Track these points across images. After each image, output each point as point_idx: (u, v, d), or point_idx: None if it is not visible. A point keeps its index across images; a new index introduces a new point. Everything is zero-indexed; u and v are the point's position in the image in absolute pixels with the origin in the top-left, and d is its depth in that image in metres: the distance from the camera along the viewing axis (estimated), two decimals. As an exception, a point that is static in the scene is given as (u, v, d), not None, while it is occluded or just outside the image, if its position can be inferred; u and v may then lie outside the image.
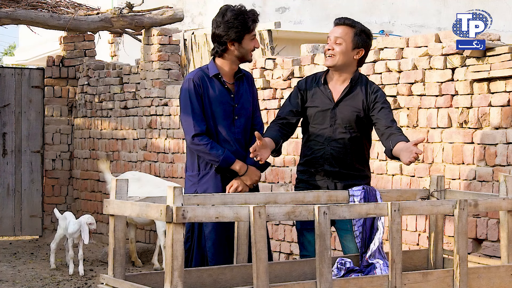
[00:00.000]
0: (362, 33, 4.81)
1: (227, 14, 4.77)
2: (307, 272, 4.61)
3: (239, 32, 4.78)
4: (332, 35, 4.82)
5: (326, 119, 4.81)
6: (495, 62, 5.43)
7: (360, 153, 4.85)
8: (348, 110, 4.78)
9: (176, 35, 9.44)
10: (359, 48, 4.80)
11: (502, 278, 4.51)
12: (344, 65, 4.79)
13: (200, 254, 4.87)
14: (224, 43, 4.80)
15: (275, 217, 4.02)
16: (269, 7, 14.80)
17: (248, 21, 4.79)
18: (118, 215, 4.19)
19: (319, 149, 4.82)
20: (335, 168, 4.79)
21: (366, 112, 4.78)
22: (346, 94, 4.80)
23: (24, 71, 10.83)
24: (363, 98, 4.78)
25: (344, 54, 4.77)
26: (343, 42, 4.77)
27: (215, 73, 4.86)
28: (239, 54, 4.84)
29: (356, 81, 4.82)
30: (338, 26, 4.83)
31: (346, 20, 4.84)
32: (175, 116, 8.82)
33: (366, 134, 4.89)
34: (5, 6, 9.40)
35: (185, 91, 4.86)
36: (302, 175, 4.94)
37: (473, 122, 5.62)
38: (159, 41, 9.23)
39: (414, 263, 4.96)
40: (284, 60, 7.35)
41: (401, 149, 4.51)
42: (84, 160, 10.47)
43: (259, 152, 4.62)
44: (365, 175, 4.89)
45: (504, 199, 4.58)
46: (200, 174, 4.86)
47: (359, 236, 4.74)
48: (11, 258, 8.98)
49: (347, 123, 4.77)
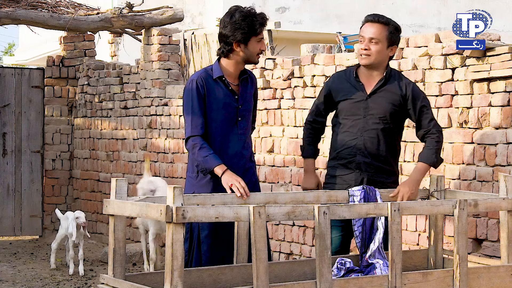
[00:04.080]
0: (395, 30, 4.87)
1: (236, 15, 4.74)
2: (307, 272, 4.61)
3: (246, 34, 4.73)
4: (366, 34, 4.84)
5: (359, 110, 4.86)
6: (495, 62, 5.43)
7: (392, 145, 4.89)
8: (383, 101, 4.83)
9: (176, 35, 9.44)
10: (393, 45, 4.87)
11: (502, 278, 4.51)
12: (379, 63, 4.85)
13: (200, 254, 4.86)
14: (230, 43, 4.77)
15: (275, 217, 4.02)
16: (269, 7, 14.80)
17: (255, 23, 4.75)
18: (118, 215, 4.19)
19: (351, 140, 4.86)
20: (367, 159, 4.83)
21: (402, 106, 4.85)
22: (381, 86, 4.85)
23: (24, 71, 10.83)
24: (398, 91, 4.84)
25: (380, 53, 4.83)
26: (379, 42, 4.81)
27: (219, 75, 4.82)
28: (244, 55, 4.81)
29: (390, 74, 4.89)
30: (372, 24, 4.85)
31: (380, 18, 4.86)
32: (175, 116, 8.82)
33: (399, 127, 4.94)
34: (5, 6, 9.40)
35: (187, 92, 4.84)
36: (332, 170, 4.96)
37: (473, 122, 5.62)
38: (159, 41, 9.23)
39: (414, 263, 4.96)
40: (284, 60, 7.34)
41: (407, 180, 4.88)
42: (84, 160, 10.47)
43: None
44: (393, 171, 4.94)
45: (504, 199, 4.58)
46: (198, 177, 4.85)
47: (359, 236, 4.74)
48: (11, 258, 8.98)
49: (381, 114, 4.83)
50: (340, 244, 4.91)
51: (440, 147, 4.88)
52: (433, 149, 4.82)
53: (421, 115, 4.86)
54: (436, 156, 4.84)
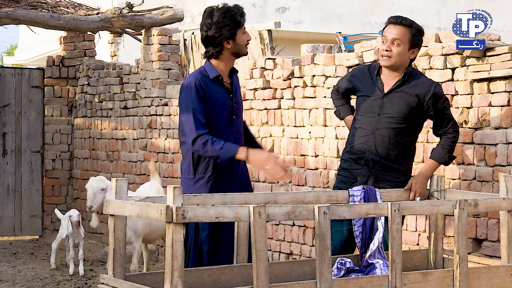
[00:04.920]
0: (418, 33, 4.89)
1: (215, 14, 4.77)
2: (307, 272, 4.61)
3: (232, 29, 4.77)
4: (389, 35, 4.86)
5: (375, 108, 4.89)
6: (495, 62, 5.43)
7: (404, 145, 4.90)
8: (398, 102, 4.86)
9: (176, 35, 9.44)
10: (414, 48, 4.89)
11: (502, 278, 4.51)
12: (399, 65, 4.88)
13: (197, 254, 4.84)
14: (219, 43, 4.78)
15: (275, 217, 4.02)
16: (269, 7, 14.81)
17: (236, 16, 4.79)
18: (118, 215, 4.19)
19: (363, 137, 4.90)
20: (376, 157, 4.86)
21: (418, 107, 4.86)
22: (398, 86, 4.88)
23: (24, 71, 10.83)
24: (416, 92, 4.85)
25: (401, 55, 4.85)
26: (401, 44, 4.84)
27: (216, 75, 4.82)
28: (234, 50, 4.82)
29: (410, 74, 4.90)
30: (395, 26, 4.87)
31: (403, 20, 4.88)
32: (175, 116, 8.82)
33: (415, 127, 4.95)
34: (5, 6, 9.40)
35: (186, 94, 4.79)
36: (344, 162, 5.02)
37: (473, 122, 5.62)
38: (159, 41, 9.23)
39: (414, 263, 4.96)
40: (284, 60, 7.34)
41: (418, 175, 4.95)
42: (84, 160, 10.47)
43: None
44: (404, 170, 4.94)
45: (504, 199, 4.58)
46: (195, 178, 4.82)
47: (359, 236, 4.74)
48: (11, 258, 8.98)
49: (395, 114, 4.85)
50: (348, 238, 4.90)
51: (454, 147, 4.95)
52: (447, 148, 4.90)
53: (441, 116, 4.91)
54: (449, 155, 4.93)
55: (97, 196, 7.02)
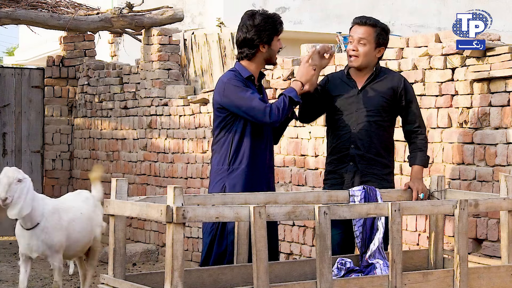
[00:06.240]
0: (383, 31, 5.00)
1: (257, 18, 4.88)
2: (307, 272, 4.61)
3: (270, 35, 4.90)
4: (355, 35, 4.98)
5: (352, 105, 4.97)
6: (495, 62, 5.43)
7: (385, 138, 4.99)
8: (375, 95, 4.96)
9: (176, 35, 9.44)
10: (380, 47, 5.00)
11: (502, 278, 4.51)
12: (367, 64, 4.98)
13: (222, 243, 4.83)
14: (256, 46, 4.89)
15: (275, 217, 4.02)
16: (269, 7, 14.76)
17: (276, 23, 4.93)
18: (118, 215, 4.19)
19: (345, 134, 4.97)
20: (359, 151, 4.92)
21: (393, 98, 4.97)
22: (371, 81, 4.98)
23: (24, 71, 10.84)
24: (389, 84, 4.98)
25: (368, 55, 4.97)
26: (367, 43, 4.96)
27: (249, 75, 4.91)
28: (267, 55, 4.95)
29: (379, 70, 5.03)
30: (360, 26, 4.99)
31: (368, 20, 5.00)
32: (175, 116, 8.82)
33: (391, 120, 5.05)
34: (5, 6, 9.40)
35: (231, 85, 4.83)
36: (329, 166, 5.06)
37: (473, 122, 5.62)
38: (159, 41, 9.23)
39: (414, 263, 4.96)
40: (284, 60, 7.35)
41: (412, 179, 4.99)
42: (84, 160, 10.47)
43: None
44: (386, 163, 4.99)
45: (504, 199, 4.58)
46: (230, 169, 4.87)
47: (359, 236, 4.74)
48: (11, 258, 8.98)
49: (372, 107, 4.94)
50: (341, 242, 4.92)
51: (428, 147, 5.09)
52: (425, 150, 5.02)
53: (410, 109, 5.00)
54: (427, 157, 5.05)
55: (12, 187, 6.00)
